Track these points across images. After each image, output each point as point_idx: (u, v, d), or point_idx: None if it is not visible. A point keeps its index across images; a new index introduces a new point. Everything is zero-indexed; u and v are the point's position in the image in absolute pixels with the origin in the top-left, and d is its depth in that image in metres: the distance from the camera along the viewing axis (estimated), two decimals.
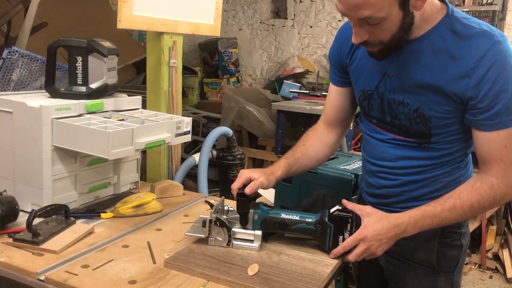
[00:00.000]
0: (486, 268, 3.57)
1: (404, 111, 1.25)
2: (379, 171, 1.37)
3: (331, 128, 1.50)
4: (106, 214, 1.55)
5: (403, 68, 1.22)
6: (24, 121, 1.47)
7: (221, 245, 1.33)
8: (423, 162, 1.28)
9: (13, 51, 2.19)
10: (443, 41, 1.17)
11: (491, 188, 1.19)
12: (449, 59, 1.16)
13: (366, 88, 1.33)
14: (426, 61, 1.19)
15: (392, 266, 1.41)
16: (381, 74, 1.27)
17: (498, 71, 1.11)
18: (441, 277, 1.36)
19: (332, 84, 1.48)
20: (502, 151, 1.17)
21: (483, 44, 1.12)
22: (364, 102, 1.35)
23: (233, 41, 5.42)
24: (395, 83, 1.25)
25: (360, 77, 1.34)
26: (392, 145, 1.32)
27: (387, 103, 1.28)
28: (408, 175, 1.31)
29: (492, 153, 1.19)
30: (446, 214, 1.20)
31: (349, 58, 1.37)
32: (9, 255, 1.25)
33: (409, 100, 1.23)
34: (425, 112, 1.22)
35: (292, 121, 3.63)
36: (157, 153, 2.10)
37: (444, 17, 1.18)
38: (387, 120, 1.30)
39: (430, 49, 1.18)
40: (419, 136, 1.26)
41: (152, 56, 2.07)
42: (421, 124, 1.23)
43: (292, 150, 1.46)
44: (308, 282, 1.18)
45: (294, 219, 1.32)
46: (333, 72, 1.46)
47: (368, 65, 1.31)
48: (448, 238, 1.34)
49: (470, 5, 3.98)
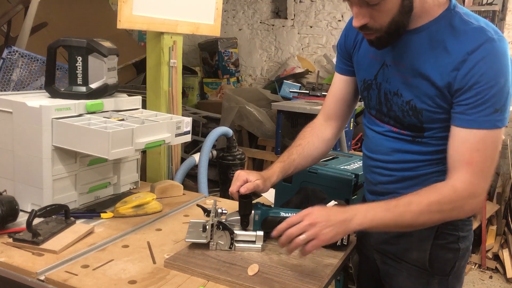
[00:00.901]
0: (486, 268, 3.57)
1: (398, 103, 1.26)
2: (375, 166, 1.38)
3: (330, 122, 1.51)
4: (106, 214, 1.55)
5: (400, 57, 1.24)
6: (24, 121, 1.47)
7: (223, 249, 1.32)
8: (417, 157, 1.28)
9: (13, 51, 2.19)
10: (440, 34, 1.17)
11: (453, 191, 1.14)
12: (443, 52, 1.17)
13: (367, 78, 1.34)
14: (422, 52, 1.20)
15: (387, 266, 1.41)
16: (380, 63, 1.29)
17: (485, 67, 1.10)
18: (435, 280, 1.33)
19: (337, 74, 1.50)
20: (472, 154, 1.14)
21: (475, 39, 1.12)
22: (364, 92, 1.37)
23: (233, 41, 5.42)
24: (392, 73, 1.26)
25: (362, 66, 1.36)
26: (388, 137, 1.33)
27: (383, 93, 1.30)
28: (402, 171, 1.31)
29: (463, 153, 1.15)
30: (401, 209, 1.14)
31: (353, 47, 1.39)
32: (9, 255, 1.25)
33: (403, 91, 1.25)
34: (417, 105, 1.22)
35: (292, 121, 3.63)
36: (157, 153, 2.10)
37: (445, 10, 1.19)
38: (384, 111, 1.32)
39: (427, 41, 1.19)
40: (412, 129, 1.27)
41: (152, 56, 2.07)
42: (413, 116, 1.24)
43: (288, 152, 1.47)
44: (308, 282, 1.18)
45: None
46: (340, 60, 1.47)
47: (369, 55, 1.32)
48: (443, 240, 1.32)
49: (470, 5, 3.98)
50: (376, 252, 1.43)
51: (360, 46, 1.36)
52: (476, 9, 3.88)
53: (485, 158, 1.15)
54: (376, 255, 1.44)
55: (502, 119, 1.14)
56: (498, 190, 3.89)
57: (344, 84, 1.47)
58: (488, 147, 1.14)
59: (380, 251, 1.42)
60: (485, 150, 1.14)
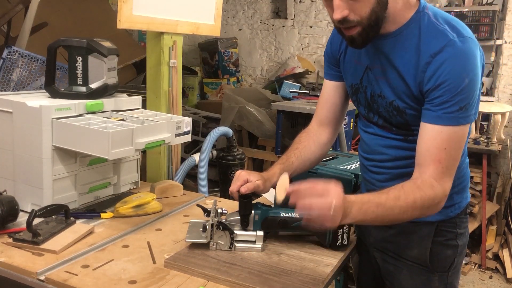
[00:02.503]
0: (486, 268, 3.57)
1: (383, 104, 1.30)
2: (371, 165, 1.40)
3: (324, 127, 1.54)
4: (106, 214, 1.55)
5: (379, 61, 1.28)
6: (24, 121, 1.47)
7: (223, 249, 1.32)
8: (411, 153, 1.29)
9: (13, 51, 2.19)
10: (411, 37, 1.22)
11: (431, 188, 1.16)
12: (414, 54, 1.21)
13: (353, 83, 1.39)
14: (398, 56, 1.24)
15: (387, 264, 1.42)
16: (364, 68, 1.33)
17: (449, 69, 1.15)
18: (435, 277, 1.36)
19: (326, 81, 1.53)
20: (441, 152, 1.17)
21: (438, 41, 1.17)
22: (353, 96, 1.41)
23: (233, 41, 5.41)
24: (374, 76, 1.30)
25: (349, 72, 1.40)
26: (380, 137, 1.36)
27: (370, 96, 1.34)
28: (397, 168, 1.33)
29: (431, 151, 1.18)
30: (391, 203, 1.15)
31: (339, 53, 1.43)
32: (9, 255, 1.25)
33: (385, 93, 1.28)
34: (399, 105, 1.26)
35: (292, 121, 3.62)
36: (157, 153, 2.10)
37: (415, 13, 1.23)
38: (372, 112, 1.36)
39: (401, 45, 1.23)
40: (401, 127, 1.30)
41: (152, 56, 2.07)
42: (398, 116, 1.28)
43: (286, 155, 1.48)
44: (308, 282, 1.18)
45: (294, 217, 1.33)
46: (328, 67, 1.51)
47: (354, 60, 1.37)
48: (442, 237, 1.34)
49: (470, 5, 3.98)
50: (376, 250, 1.44)
51: (345, 52, 1.40)
52: (476, 9, 3.88)
53: (450, 156, 1.19)
54: (376, 253, 1.45)
55: (466, 116, 1.18)
56: (498, 190, 3.89)
57: (334, 90, 1.51)
58: (453, 145, 1.19)
59: (380, 249, 1.43)
60: (450, 149, 1.18)
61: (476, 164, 3.68)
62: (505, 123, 3.79)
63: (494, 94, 4.04)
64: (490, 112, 3.70)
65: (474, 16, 3.86)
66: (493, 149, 3.57)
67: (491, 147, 3.58)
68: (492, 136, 3.74)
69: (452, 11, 3.88)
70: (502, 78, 4.03)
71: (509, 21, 3.96)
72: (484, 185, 3.58)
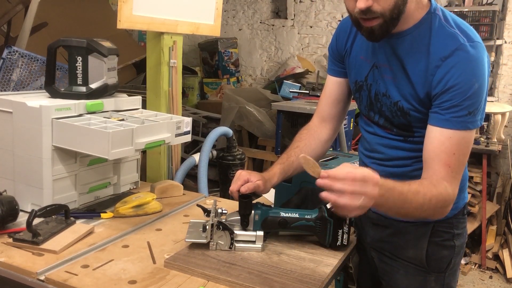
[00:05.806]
0: (486, 268, 3.57)
1: (387, 103, 1.29)
2: (371, 163, 1.40)
3: (325, 123, 1.53)
4: (106, 214, 1.55)
5: (388, 59, 1.27)
6: (24, 121, 1.47)
7: (223, 249, 1.32)
8: (411, 153, 1.29)
9: (13, 51, 2.19)
10: (422, 38, 1.21)
11: (445, 189, 1.16)
12: (424, 56, 1.20)
13: (358, 79, 1.38)
14: (407, 56, 1.23)
15: (384, 264, 1.43)
16: (370, 65, 1.32)
17: (458, 73, 1.14)
18: (431, 277, 1.35)
19: (329, 77, 1.52)
20: (450, 157, 1.17)
21: (448, 45, 1.17)
22: (356, 93, 1.40)
23: (233, 41, 5.41)
24: (381, 74, 1.29)
25: (353, 68, 1.39)
26: (380, 137, 1.36)
27: (374, 94, 1.33)
28: (397, 167, 1.33)
29: (440, 155, 1.17)
30: (411, 196, 1.13)
31: (345, 49, 1.41)
32: (9, 255, 1.25)
33: (391, 92, 1.28)
34: (404, 106, 1.25)
35: (292, 121, 3.63)
36: (157, 153, 2.10)
37: (426, 14, 1.23)
38: (375, 111, 1.35)
39: (411, 45, 1.23)
40: (402, 128, 1.30)
41: (152, 56, 2.07)
42: (401, 117, 1.27)
43: (286, 154, 1.48)
44: (308, 282, 1.18)
45: (294, 217, 1.33)
46: (331, 62, 1.50)
47: (360, 57, 1.35)
48: (439, 237, 1.34)
49: (470, 5, 3.98)
50: (373, 250, 1.45)
51: (352, 48, 1.39)
52: (476, 9, 3.88)
53: (459, 161, 1.19)
54: (373, 253, 1.45)
55: (474, 121, 1.18)
56: (498, 190, 3.89)
57: (337, 86, 1.50)
58: (461, 150, 1.19)
59: (377, 249, 1.43)
60: (459, 155, 1.18)
61: (476, 164, 3.69)
62: (505, 123, 3.79)
63: (494, 94, 4.05)
64: (490, 112, 3.70)
65: (474, 16, 3.86)
66: (493, 149, 3.57)
67: (491, 147, 3.58)
68: (492, 136, 3.74)
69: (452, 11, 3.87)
70: (502, 78, 4.03)
71: (509, 21, 3.96)
72: (484, 185, 3.58)
